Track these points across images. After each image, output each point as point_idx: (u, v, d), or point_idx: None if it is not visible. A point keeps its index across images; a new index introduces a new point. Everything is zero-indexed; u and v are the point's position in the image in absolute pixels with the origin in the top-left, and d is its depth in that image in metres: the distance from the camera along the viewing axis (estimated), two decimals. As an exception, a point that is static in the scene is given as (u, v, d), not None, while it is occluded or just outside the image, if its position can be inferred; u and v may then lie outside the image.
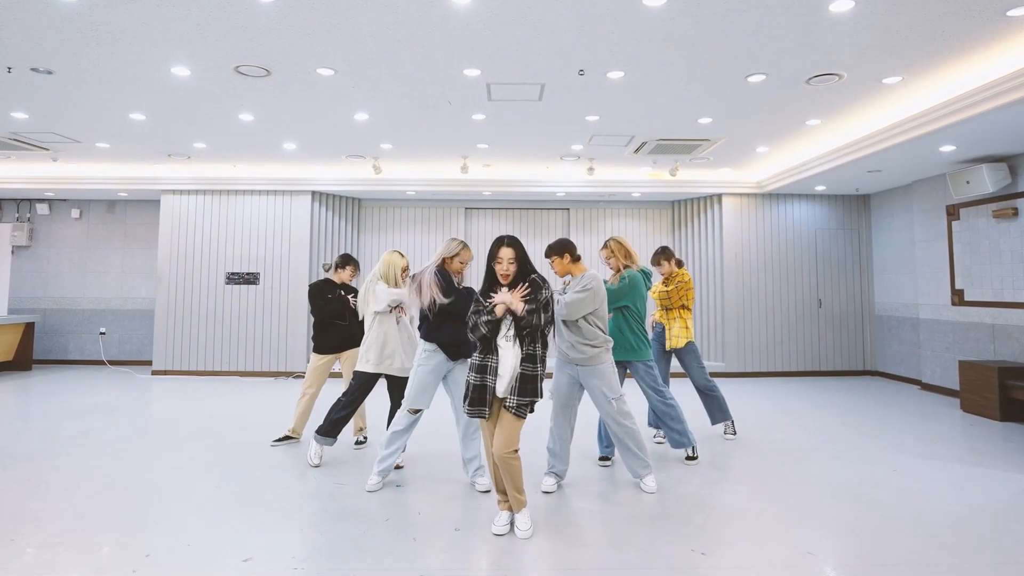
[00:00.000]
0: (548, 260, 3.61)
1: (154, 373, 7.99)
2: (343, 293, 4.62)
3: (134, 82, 4.65)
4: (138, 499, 3.35)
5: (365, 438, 4.59)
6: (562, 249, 3.56)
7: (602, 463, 4.05)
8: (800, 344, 8.22)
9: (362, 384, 3.97)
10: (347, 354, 4.65)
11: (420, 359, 3.58)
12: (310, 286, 4.67)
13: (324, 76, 4.51)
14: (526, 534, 2.88)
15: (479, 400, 2.87)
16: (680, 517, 3.13)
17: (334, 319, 4.58)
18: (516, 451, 2.85)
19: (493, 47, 4.00)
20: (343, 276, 4.70)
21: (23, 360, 8.16)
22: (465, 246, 3.69)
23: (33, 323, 8.28)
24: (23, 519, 3.04)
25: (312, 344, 4.69)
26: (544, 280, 2.96)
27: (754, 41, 3.90)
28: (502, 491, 2.98)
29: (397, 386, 3.93)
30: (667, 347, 4.66)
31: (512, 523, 2.95)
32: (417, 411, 3.58)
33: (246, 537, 2.86)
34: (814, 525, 3.05)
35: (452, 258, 3.64)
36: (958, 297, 6.45)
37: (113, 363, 8.73)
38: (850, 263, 8.36)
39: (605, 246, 4.10)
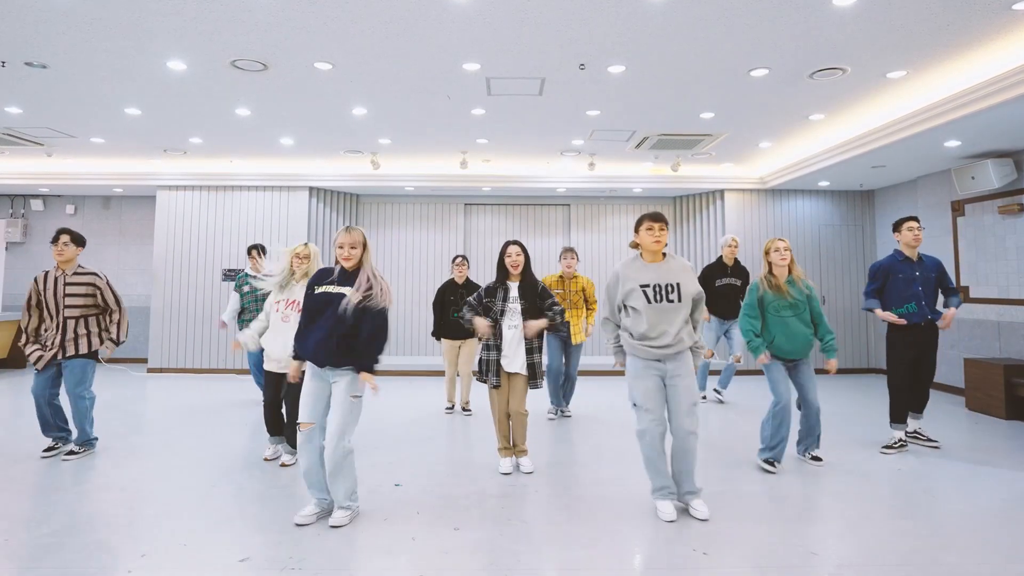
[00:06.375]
0: (657, 226, 3.15)
1: (150, 371, 7.95)
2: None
3: (129, 76, 4.59)
4: (134, 498, 3.31)
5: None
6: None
7: (815, 463, 3.94)
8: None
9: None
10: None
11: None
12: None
13: (322, 70, 4.45)
14: (529, 469, 3.77)
15: (490, 371, 3.72)
16: (681, 516, 3.08)
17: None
18: (527, 411, 3.79)
19: (493, 41, 3.95)
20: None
21: (17, 358, 8.11)
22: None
23: (29, 320, 8.22)
24: (17, 519, 3.00)
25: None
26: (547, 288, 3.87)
27: (757, 35, 3.85)
28: (505, 439, 3.80)
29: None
30: (574, 342, 5.28)
31: (517, 467, 3.80)
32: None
33: (243, 537, 2.82)
34: (817, 525, 3.02)
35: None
36: (963, 294, 6.41)
37: (108, 361, 8.67)
38: (854, 260, 8.32)
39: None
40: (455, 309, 5.35)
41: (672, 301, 3.04)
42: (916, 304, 4.25)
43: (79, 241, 4.12)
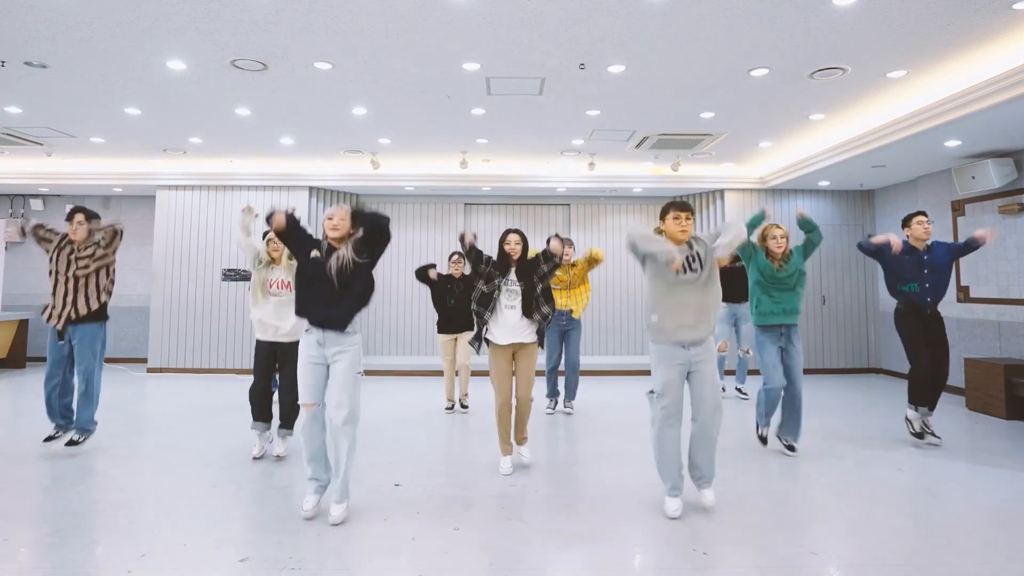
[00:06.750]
0: (683, 216, 3.20)
1: (149, 371, 7.95)
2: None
3: (129, 76, 4.59)
4: (133, 498, 3.30)
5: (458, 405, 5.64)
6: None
7: (789, 452, 4.13)
8: (803, 342, 8.11)
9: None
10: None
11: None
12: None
13: (322, 70, 4.45)
14: (527, 458, 3.90)
15: (479, 340, 3.85)
16: (680, 516, 3.08)
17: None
18: (533, 396, 3.90)
19: (493, 41, 3.95)
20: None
21: (17, 358, 8.12)
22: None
23: (27, 320, 8.23)
24: (17, 518, 3.00)
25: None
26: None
27: (757, 35, 3.84)
28: (507, 434, 3.80)
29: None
30: (576, 316, 5.42)
31: (518, 455, 3.87)
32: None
33: (243, 536, 2.82)
34: (817, 524, 3.01)
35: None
36: (963, 294, 6.41)
37: (108, 361, 8.64)
38: (854, 260, 8.30)
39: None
40: (452, 297, 5.52)
41: (696, 271, 3.09)
42: (919, 285, 4.34)
43: (93, 219, 4.25)
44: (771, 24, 3.69)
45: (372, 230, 3.06)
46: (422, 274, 5.54)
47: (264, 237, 4.19)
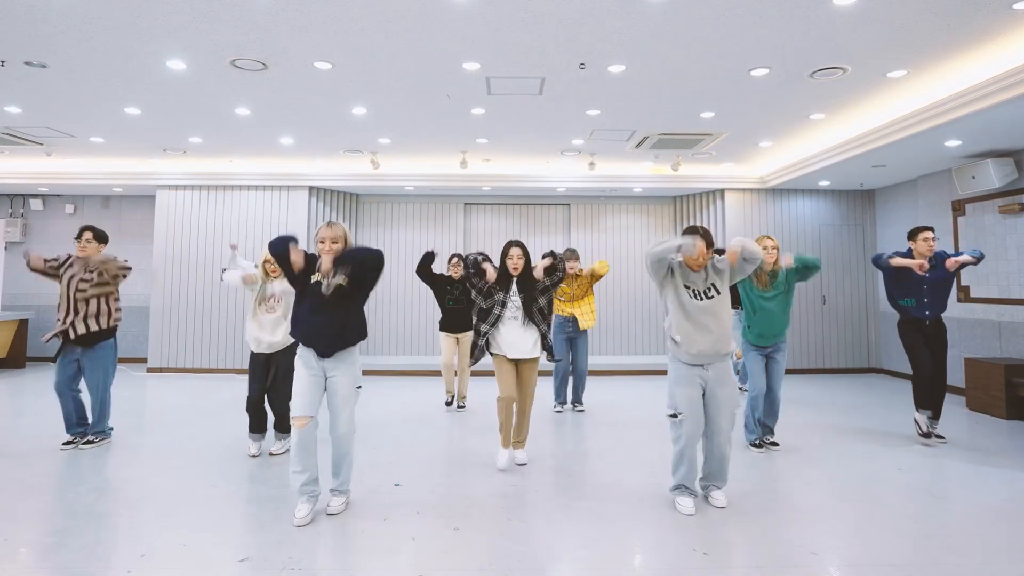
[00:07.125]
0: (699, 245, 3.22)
1: (149, 371, 7.95)
2: None
3: (129, 76, 4.59)
4: (133, 498, 3.30)
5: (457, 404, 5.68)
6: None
7: (761, 448, 4.29)
8: (803, 342, 8.17)
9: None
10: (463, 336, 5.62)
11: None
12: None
13: (322, 70, 4.45)
14: (524, 461, 3.92)
15: (477, 352, 3.90)
16: (680, 516, 3.08)
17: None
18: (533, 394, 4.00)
19: (493, 41, 3.95)
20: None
21: (16, 358, 8.12)
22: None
23: (27, 320, 8.23)
24: (17, 518, 3.00)
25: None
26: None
27: (757, 35, 3.84)
28: (508, 428, 3.83)
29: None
30: (582, 327, 5.44)
31: (512, 459, 3.89)
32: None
33: (242, 537, 2.82)
34: (818, 524, 3.01)
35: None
36: (964, 294, 6.41)
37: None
38: (854, 259, 8.31)
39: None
40: (450, 298, 5.60)
41: (712, 297, 3.17)
42: (916, 300, 4.43)
43: (102, 238, 4.32)
44: (771, 24, 3.69)
45: (364, 268, 3.05)
46: (423, 271, 5.50)
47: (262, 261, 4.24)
